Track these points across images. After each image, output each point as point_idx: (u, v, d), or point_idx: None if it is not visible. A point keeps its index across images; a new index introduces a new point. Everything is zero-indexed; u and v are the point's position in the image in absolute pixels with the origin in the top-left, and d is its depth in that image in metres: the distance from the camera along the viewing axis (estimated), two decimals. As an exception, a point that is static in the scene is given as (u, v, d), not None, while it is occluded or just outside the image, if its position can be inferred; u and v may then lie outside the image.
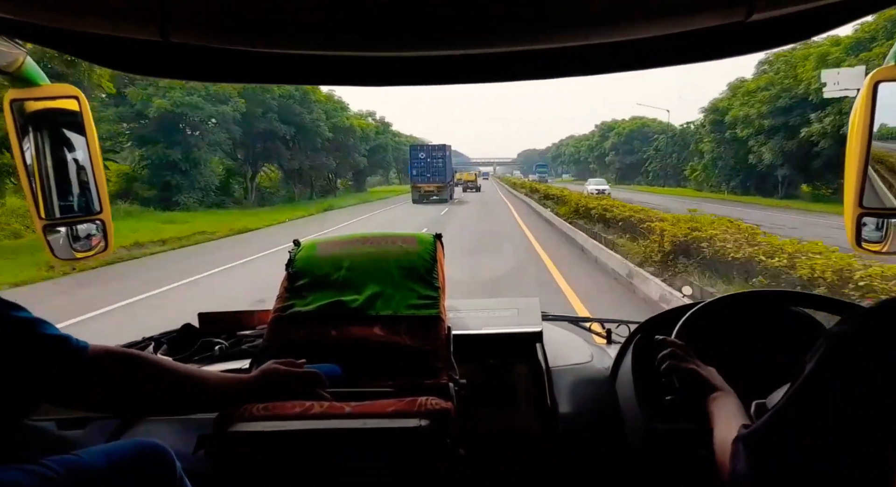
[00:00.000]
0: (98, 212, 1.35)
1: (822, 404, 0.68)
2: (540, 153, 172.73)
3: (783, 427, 0.71)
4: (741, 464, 0.75)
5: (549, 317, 1.84)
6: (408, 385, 1.18)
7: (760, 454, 0.73)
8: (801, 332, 1.32)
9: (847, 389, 0.65)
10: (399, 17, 0.75)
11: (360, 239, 1.52)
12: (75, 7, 0.72)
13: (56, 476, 0.95)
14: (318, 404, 1.08)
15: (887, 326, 0.66)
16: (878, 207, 1.16)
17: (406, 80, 1.03)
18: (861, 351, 0.66)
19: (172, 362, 1.12)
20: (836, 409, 0.66)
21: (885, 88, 1.11)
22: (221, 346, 1.58)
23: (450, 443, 1.05)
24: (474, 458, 1.19)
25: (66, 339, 0.94)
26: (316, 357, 1.22)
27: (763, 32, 0.87)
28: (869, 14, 0.88)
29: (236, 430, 1.03)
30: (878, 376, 0.63)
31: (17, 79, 1.23)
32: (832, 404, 0.66)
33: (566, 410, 1.45)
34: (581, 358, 1.60)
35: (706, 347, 1.16)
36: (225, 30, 0.77)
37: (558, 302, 6.48)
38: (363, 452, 1.04)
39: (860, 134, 1.12)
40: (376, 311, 1.33)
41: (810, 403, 0.69)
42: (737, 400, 1.00)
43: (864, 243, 1.18)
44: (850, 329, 0.69)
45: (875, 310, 0.69)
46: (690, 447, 1.12)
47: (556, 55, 0.93)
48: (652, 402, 1.29)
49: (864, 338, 0.67)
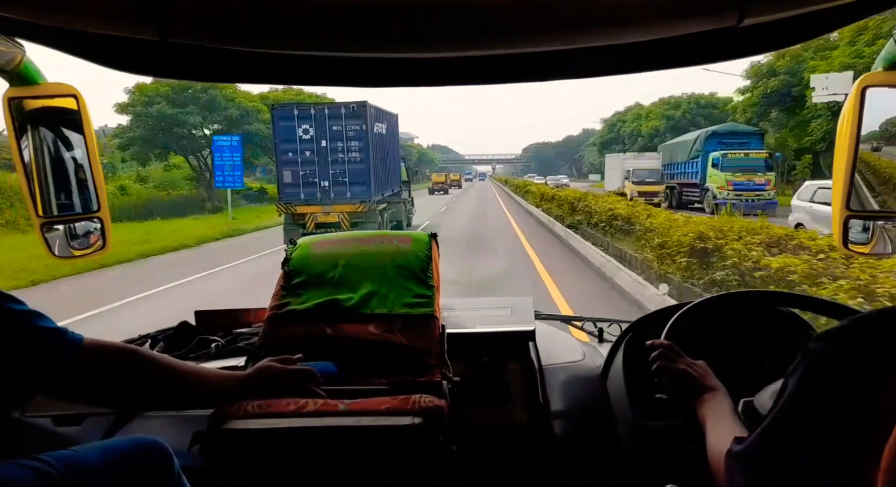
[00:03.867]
0: (96, 211, 1.35)
1: (805, 422, 0.69)
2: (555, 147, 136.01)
3: (772, 445, 0.73)
4: (738, 480, 0.77)
5: (542, 316, 1.86)
6: (402, 382, 1.20)
7: (755, 470, 0.74)
8: (789, 331, 1.34)
9: (827, 406, 0.66)
10: (397, 19, 0.76)
11: (355, 237, 1.53)
12: (73, 6, 0.73)
13: (54, 471, 0.95)
14: (312, 401, 1.09)
15: (862, 342, 0.67)
16: (864, 210, 1.18)
17: (405, 81, 1.04)
18: (838, 369, 0.67)
19: (168, 358, 1.12)
20: (820, 426, 0.67)
21: (872, 94, 1.13)
22: (217, 344, 1.59)
23: (442, 440, 1.06)
24: (466, 455, 1.20)
25: (61, 332, 0.94)
26: (311, 354, 1.23)
27: (755, 37, 0.88)
28: (860, 19, 0.88)
29: (231, 427, 1.04)
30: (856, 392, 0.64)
31: (16, 77, 1.23)
32: (815, 421, 0.67)
33: (558, 408, 1.46)
34: (573, 357, 1.62)
35: (696, 346, 1.17)
36: (223, 30, 0.78)
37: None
38: (357, 449, 1.05)
39: (848, 138, 1.14)
40: (371, 309, 1.34)
41: (794, 421, 0.70)
42: (727, 398, 1.01)
43: (850, 244, 1.20)
44: (826, 347, 0.69)
45: (850, 326, 0.70)
46: (679, 443, 1.14)
47: (549, 58, 0.95)
48: (642, 400, 1.31)
49: (840, 356, 0.67)
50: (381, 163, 12.94)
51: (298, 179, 11.86)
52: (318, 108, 11.92)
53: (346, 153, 11.89)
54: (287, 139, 11.83)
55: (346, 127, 11.84)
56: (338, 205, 11.84)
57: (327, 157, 11.82)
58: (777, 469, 0.71)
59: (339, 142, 11.81)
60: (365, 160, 11.89)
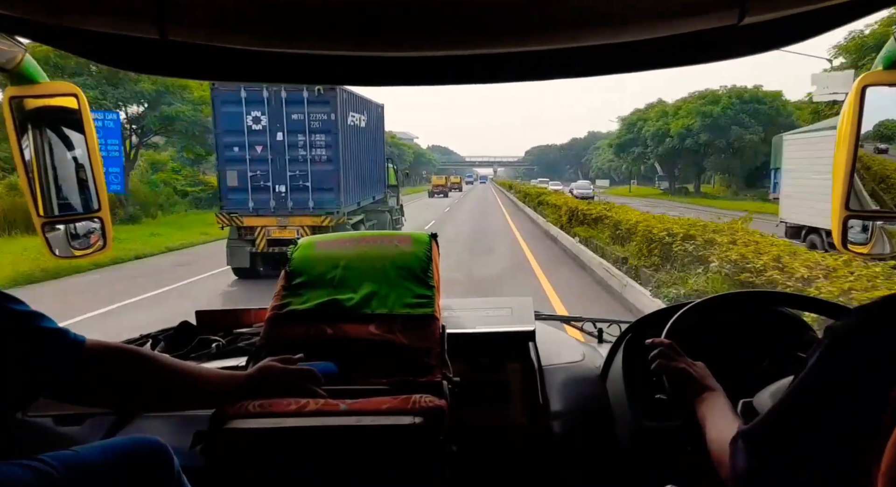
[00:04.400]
0: (97, 210, 1.35)
1: (824, 397, 0.67)
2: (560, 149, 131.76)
3: (785, 421, 0.71)
4: (741, 461, 0.75)
5: (542, 317, 1.86)
6: (402, 382, 1.20)
7: (761, 449, 0.73)
8: (789, 332, 1.34)
9: (849, 382, 0.65)
10: (398, 17, 0.76)
11: (356, 238, 1.53)
12: (74, 5, 0.73)
13: (54, 471, 0.95)
14: (313, 401, 1.09)
15: (891, 320, 0.65)
16: (863, 210, 1.18)
17: (406, 80, 1.04)
18: (864, 345, 0.65)
19: (169, 358, 1.12)
20: (839, 403, 0.65)
21: (872, 92, 1.13)
22: (218, 344, 1.59)
23: (443, 440, 1.06)
24: (466, 455, 1.20)
25: (63, 333, 0.94)
26: (312, 354, 1.23)
27: (755, 35, 0.88)
28: (861, 17, 0.88)
29: (232, 427, 1.04)
30: (881, 369, 0.62)
31: (16, 76, 1.23)
32: (834, 397, 0.66)
33: (557, 408, 1.46)
34: (573, 357, 1.62)
35: (695, 346, 1.17)
36: (223, 28, 0.78)
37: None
38: (357, 449, 1.05)
39: (848, 138, 1.14)
40: (372, 310, 1.34)
41: (812, 396, 0.69)
42: (725, 398, 1.01)
43: (849, 244, 1.20)
44: (854, 323, 0.68)
45: (879, 305, 0.68)
46: (678, 444, 1.14)
47: (550, 57, 0.95)
48: (641, 400, 1.31)
49: (868, 332, 0.66)
50: (356, 162, 10.31)
51: (246, 182, 9.07)
52: (274, 91, 8.94)
53: (310, 149, 9.11)
54: (232, 129, 9.00)
55: (311, 116, 9.01)
56: (297, 216, 9.07)
57: (284, 155, 9.07)
58: (782, 452, 0.70)
59: (301, 136, 9.06)
60: (334, 159, 9.17)
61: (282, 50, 0.86)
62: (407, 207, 16.36)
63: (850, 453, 0.63)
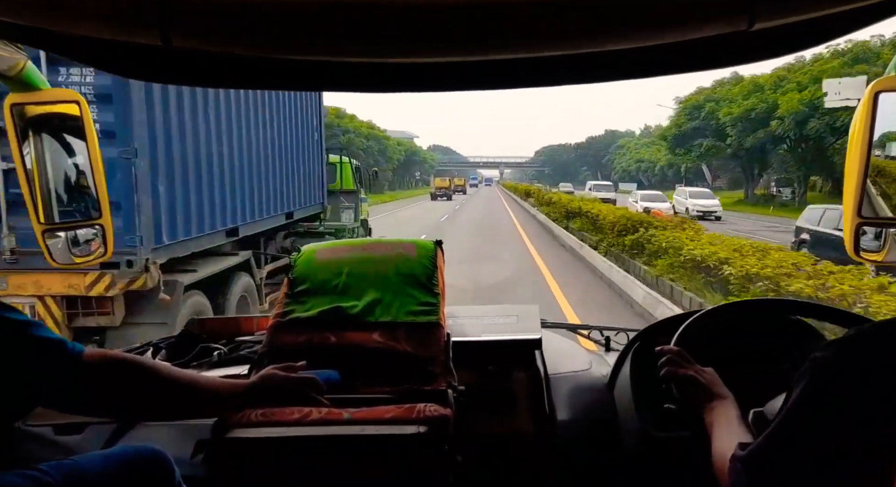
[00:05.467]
0: (98, 217, 1.35)
1: (810, 429, 0.69)
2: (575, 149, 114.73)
3: (776, 450, 0.73)
4: (740, 485, 0.77)
5: (548, 325, 1.84)
6: (406, 391, 1.19)
7: (758, 475, 0.74)
8: (800, 340, 1.32)
9: (833, 415, 0.67)
10: (401, 24, 0.76)
11: (360, 245, 1.53)
12: (76, 11, 0.73)
13: (53, 481, 0.95)
14: (316, 410, 1.08)
15: (870, 352, 0.67)
16: (876, 217, 1.16)
17: (411, 86, 1.04)
18: (844, 379, 0.67)
19: (170, 367, 1.11)
20: (824, 434, 0.67)
21: (885, 99, 1.11)
22: (220, 352, 1.58)
23: (448, 450, 1.05)
24: (472, 464, 1.18)
25: (61, 343, 0.94)
26: (315, 362, 1.22)
27: (765, 41, 0.87)
28: (871, 24, 0.87)
29: (234, 436, 1.03)
30: (863, 401, 0.64)
31: (18, 83, 1.23)
32: (820, 429, 0.68)
33: (564, 417, 1.44)
34: (579, 366, 1.60)
35: (705, 355, 1.16)
36: (226, 35, 0.77)
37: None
38: (361, 458, 1.04)
39: (860, 144, 1.12)
40: (375, 317, 1.33)
41: (799, 428, 0.70)
42: (735, 407, 1.00)
43: (862, 252, 1.18)
44: (834, 355, 0.70)
45: (857, 336, 0.70)
46: (686, 455, 1.12)
47: (556, 63, 0.94)
48: (649, 410, 1.29)
49: (848, 365, 0.68)
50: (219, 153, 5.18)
51: None
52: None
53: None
54: None
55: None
56: (29, 272, 4.00)
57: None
58: (779, 475, 0.71)
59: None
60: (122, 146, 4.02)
61: (288, 56, 0.86)
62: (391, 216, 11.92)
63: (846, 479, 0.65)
